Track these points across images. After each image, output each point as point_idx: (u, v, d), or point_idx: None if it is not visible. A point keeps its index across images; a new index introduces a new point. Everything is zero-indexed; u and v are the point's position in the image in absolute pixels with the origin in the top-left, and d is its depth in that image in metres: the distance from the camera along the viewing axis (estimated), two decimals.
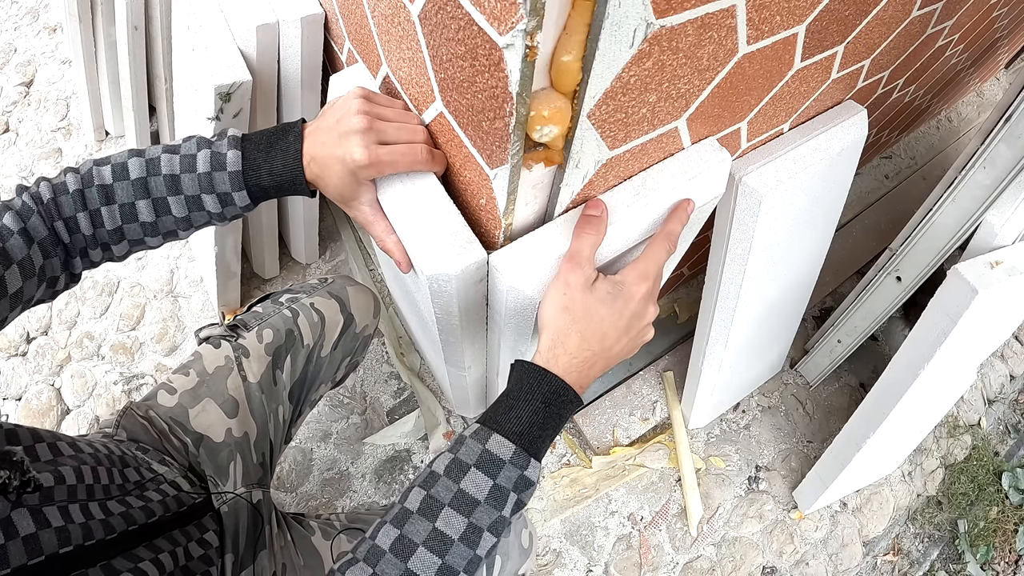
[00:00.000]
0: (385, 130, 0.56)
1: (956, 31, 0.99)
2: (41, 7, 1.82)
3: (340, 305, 0.87)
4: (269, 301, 0.87)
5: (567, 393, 0.53)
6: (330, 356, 0.87)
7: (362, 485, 1.23)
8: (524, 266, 0.58)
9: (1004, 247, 0.91)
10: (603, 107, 0.50)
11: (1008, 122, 0.87)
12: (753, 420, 1.39)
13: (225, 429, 0.75)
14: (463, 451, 0.50)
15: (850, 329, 1.27)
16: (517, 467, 0.50)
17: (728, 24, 0.50)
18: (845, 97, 0.88)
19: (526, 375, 0.53)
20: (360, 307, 0.90)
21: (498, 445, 0.50)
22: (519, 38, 0.40)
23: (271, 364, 0.81)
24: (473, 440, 0.51)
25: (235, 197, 0.56)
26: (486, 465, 0.49)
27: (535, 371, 0.53)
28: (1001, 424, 1.53)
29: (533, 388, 0.52)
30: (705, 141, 0.66)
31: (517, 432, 0.50)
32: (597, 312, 0.55)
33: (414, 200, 0.59)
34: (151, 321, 1.37)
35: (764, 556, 1.27)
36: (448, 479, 0.49)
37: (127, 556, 0.52)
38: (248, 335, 0.81)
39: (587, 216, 0.58)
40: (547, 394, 0.52)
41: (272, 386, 0.81)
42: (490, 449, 0.50)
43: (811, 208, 0.92)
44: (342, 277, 0.94)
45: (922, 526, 1.37)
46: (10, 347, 1.36)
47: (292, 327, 0.82)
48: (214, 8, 0.85)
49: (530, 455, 0.50)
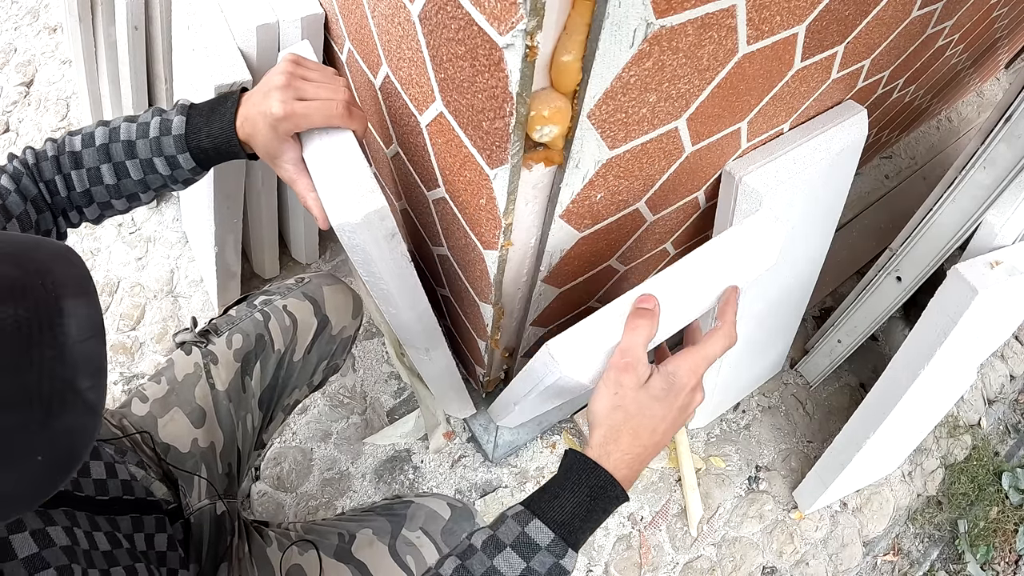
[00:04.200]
0: (304, 88, 0.59)
1: (956, 31, 0.99)
2: (41, 7, 1.82)
3: (314, 307, 0.85)
4: (244, 304, 0.85)
5: (614, 489, 0.53)
6: (304, 360, 0.85)
7: (362, 485, 1.23)
8: (580, 355, 0.58)
9: (1004, 247, 0.91)
10: (603, 107, 0.50)
11: (1008, 122, 0.87)
12: (753, 420, 1.39)
13: (192, 439, 0.75)
14: (502, 530, 0.51)
15: (850, 329, 1.27)
16: (553, 555, 0.50)
17: (728, 24, 0.50)
18: (845, 97, 0.88)
19: (576, 466, 0.54)
20: (337, 308, 0.88)
21: (537, 531, 0.50)
22: (519, 38, 0.40)
23: (240, 371, 0.80)
24: (513, 521, 0.51)
25: (180, 160, 0.60)
26: (522, 548, 0.50)
27: (586, 463, 0.53)
28: (1001, 424, 1.53)
29: (581, 480, 0.53)
30: (760, 213, 0.64)
31: (559, 521, 0.51)
32: (650, 409, 0.55)
33: (328, 155, 0.60)
34: (151, 321, 1.37)
35: (764, 556, 1.27)
36: (484, 554, 0.50)
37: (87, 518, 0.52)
38: (218, 341, 0.80)
39: (639, 310, 0.58)
40: (594, 487, 0.52)
41: (241, 393, 0.80)
42: (528, 533, 0.50)
43: (811, 208, 0.92)
44: (320, 275, 0.91)
45: (922, 526, 1.37)
46: None
47: (263, 331, 0.81)
48: (214, 8, 0.85)
49: (568, 545, 0.50)
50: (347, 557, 0.75)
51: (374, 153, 0.98)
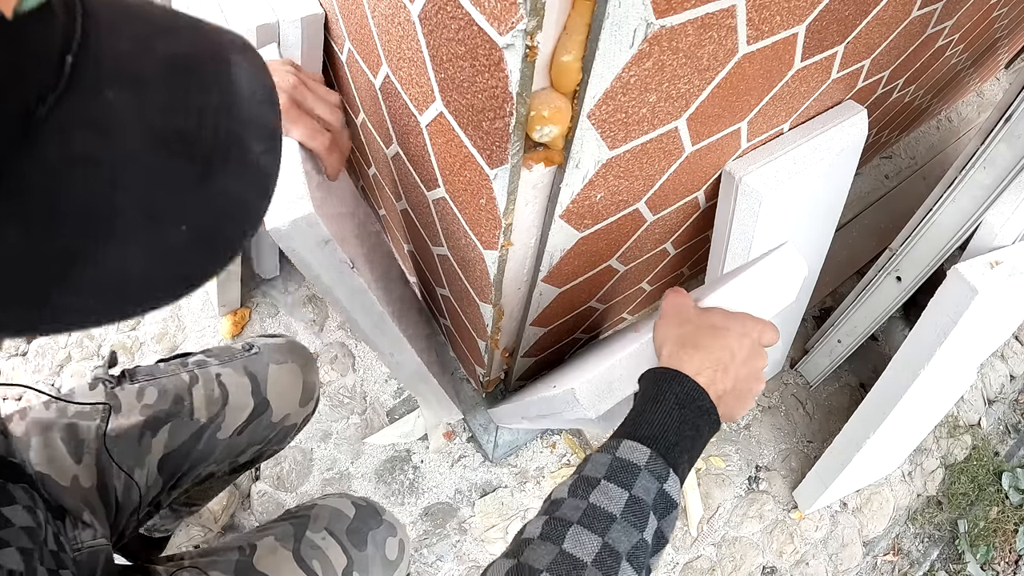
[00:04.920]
0: (306, 97, 0.58)
1: (956, 31, 0.99)
2: None
3: (253, 386, 0.75)
4: (178, 360, 0.76)
5: (702, 398, 0.47)
6: (230, 441, 0.74)
7: (362, 485, 1.23)
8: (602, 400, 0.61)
9: (1004, 247, 0.91)
10: (603, 107, 0.50)
11: (1008, 122, 0.87)
12: (753, 420, 1.39)
13: (72, 476, 0.66)
14: (588, 468, 0.44)
15: (850, 329, 1.27)
16: (655, 476, 0.43)
17: (728, 24, 0.50)
18: (845, 97, 0.88)
19: (653, 379, 0.49)
20: (282, 393, 0.78)
21: (630, 450, 0.44)
22: (519, 38, 0.40)
23: (141, 426, 0.70)
24: (600, 454, 0.45)
25: None
26: (619, 474, 0.43)
27: (664, 373, 0.48)
28: (1001, 424, 1.53)
29: (663, 390, 0.47)
30: (784, 249, 0.63)
31: (650, 436, 0.44)
32: (719, 323, 0.52)
33: None
34: (151, 321, 1.37)
35: (764, 556, 1.27)
36: (574, 499, 0.42)
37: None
38: (128, 388, 0.71)
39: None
40: (680, 396, 0.47)
41: (135, 445, 0.69)
42: (621, 456, 0.44)
43: (811, 208, 0.92)
44: (276, 345, 0.80)
45: (922, 526, 1.37)
46: (10, 347, 1.36)
47: (184, 395, 0.72)
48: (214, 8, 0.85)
49: (668, 464, 0.44)
50: (248, 571, 0.68)
51: (374, 153, 0.98)
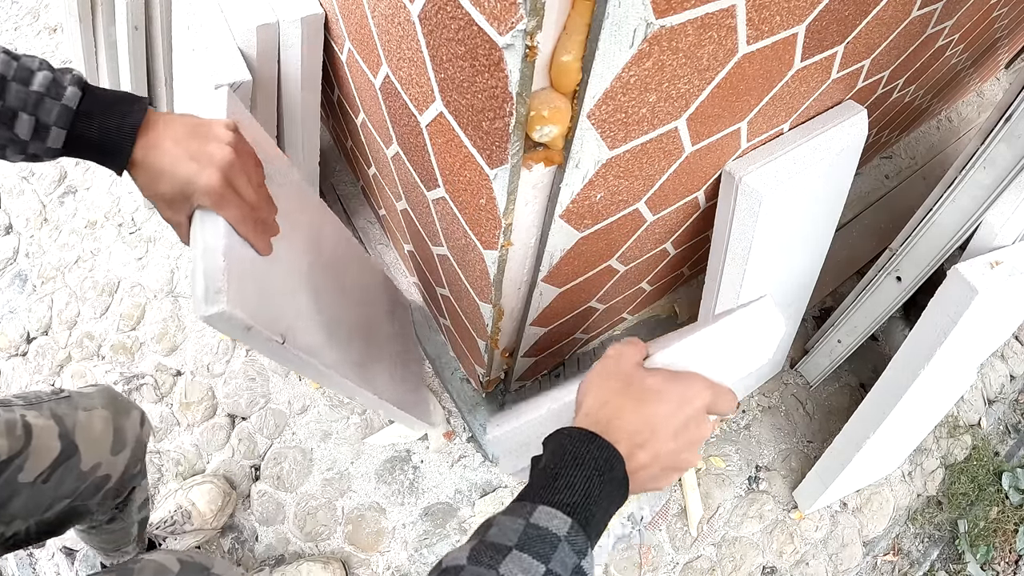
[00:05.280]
0: (240, 180, 0.56)
1: (956, 31, 0.99)
2: (41, 7, 1.82)
3: (60, 429, 0.70)
4: None
5: (619, 468, 0.42)
6: (34, 487, 0.67)
7: (362, 485, 1.23)
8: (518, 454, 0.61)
9: (1004, 247, 0.91)
10: (603, 107, 0.50)
11: (1008, 122, 0.87)
12: (753, 420, 1.39)
13: None
14: (494, 533, 0.38)
15: (850, 329, 1.27)
16: (575, 550, 0.37)
17: (728, 24, 0.50)
18: (845, 97, 0.88)
19: (573, 438, 0.43)
20: (91, 439, 0.72)
21: (547, 517, 0.38)
22: (519, 38, 0.40)
23: None
24: (508, 517, 0.39)
25: (51, 132, 0.51)
26: (535, 544, 0.37)
27: (583, 435, 0.43)
28: (1001, 424, 1.53)
29: (582, 453, 0.42)
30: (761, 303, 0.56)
31: (570, 503, 0.39)
32: (651, 389, 0.46)
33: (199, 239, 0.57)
34: (151, 321, 1.37)
35: (764, 556, 1.27)
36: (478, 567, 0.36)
37: None
38: None
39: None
40: (600, 462, 0.41)
41: None
42: (537, 523, 0.38)
43: (811, 208, 0.92)
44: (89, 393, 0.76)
45: (922, 526, 1.37)
46: (10, 347, 1.36)
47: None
48: (214, 8, 0.85)
49: (587, 538, 0.38)
50: None
51: (374, 153, 0.99)
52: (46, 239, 1.49)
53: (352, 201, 1.45)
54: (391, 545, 1.20)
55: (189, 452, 1.26)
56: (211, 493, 1.16)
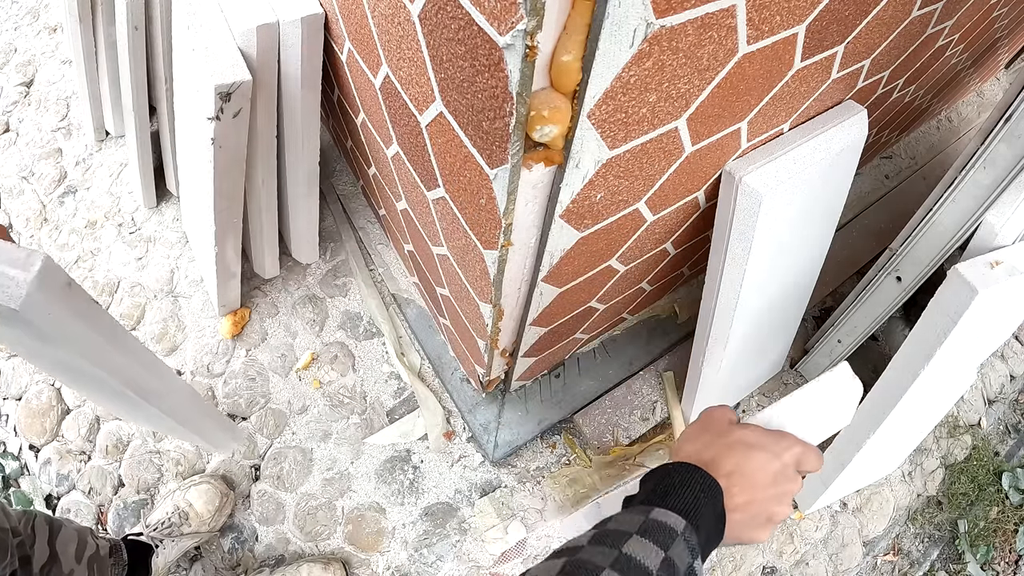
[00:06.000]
0: None
1: (956, 31, 0.99)
2: (41, 7, 1.82)
3: None
4: None
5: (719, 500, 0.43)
6: None
7: (362, 485, 1.23)
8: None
9: (1004, 247, 0.91)
10: (603, 107, 0.50)
11: (1008, 122, 0.87)
12: None
13: None
14: (612, 524, 0.40)
15: (850, 329, 1.27)
16: (688, 549, 0.39)
17: (728, 24, 0.50)
18: (845, 97, 0.88)
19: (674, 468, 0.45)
20: None
21: (664, 516, 0.40)
22: (519, 38, 0.40)
23: None
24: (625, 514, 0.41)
25: None
26: (655, 533, 0.39)
27: (687, 466, 0.45)
28: (1001, 424, 1.53)
29: (687, 477, 0.44)
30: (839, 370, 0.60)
31: (683, 509, 0.41)
32: (747, 439, 0.48)
33: None
34: (151, 321, 1.37)
35: (764, 556, 1.27)
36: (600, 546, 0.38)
37: None
38: None
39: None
40: (704, 486, 0.43)
41: None
42: (656, 518, 0.40)
43: (811, 208, 0.92)
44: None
45: (922, 526, 1.37)
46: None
47: None
48: (214, 8, 0.85)
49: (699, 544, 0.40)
50: None
51: (374, 153, 0.99)
52: (46, 239, 1.49)
53: (352, 201, 1.45)
54: (391, 545, 1.20)
55: (189, 452, 1.26)
56: (209, 494, 1.16)
